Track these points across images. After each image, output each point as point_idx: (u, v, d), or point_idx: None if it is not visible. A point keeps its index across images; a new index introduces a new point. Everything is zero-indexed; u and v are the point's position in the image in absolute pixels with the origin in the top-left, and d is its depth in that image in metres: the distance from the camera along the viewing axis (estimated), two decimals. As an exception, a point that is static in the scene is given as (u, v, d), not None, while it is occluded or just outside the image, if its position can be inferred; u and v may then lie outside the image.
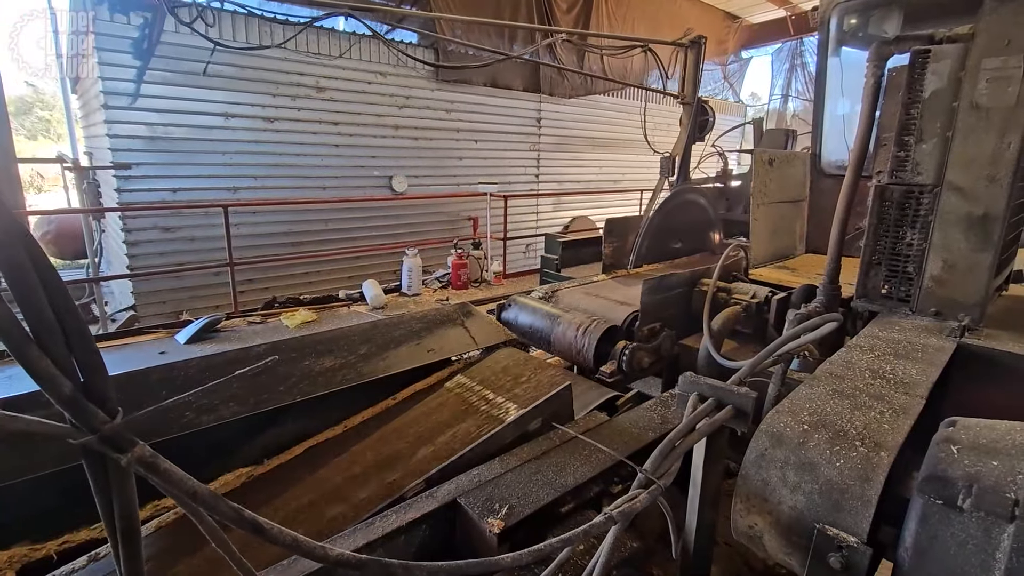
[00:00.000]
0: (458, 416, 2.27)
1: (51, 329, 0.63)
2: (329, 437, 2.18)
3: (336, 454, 2.07)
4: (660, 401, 2.30)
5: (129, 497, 0.74)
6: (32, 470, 1.54)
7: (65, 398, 0.64)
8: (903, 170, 2.21)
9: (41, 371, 0.61)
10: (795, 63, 15.19)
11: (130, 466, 0.69)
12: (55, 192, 16.27)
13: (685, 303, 3.07)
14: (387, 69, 8.16)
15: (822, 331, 1.84)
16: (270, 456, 2.05)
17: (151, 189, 6.52)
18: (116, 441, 0.68)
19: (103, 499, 0.73)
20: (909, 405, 1.44)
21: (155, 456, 0.71)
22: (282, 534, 0.79)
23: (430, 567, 0.92)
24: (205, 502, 0.74)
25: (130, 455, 0.69)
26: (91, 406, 0.66)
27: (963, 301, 2.11)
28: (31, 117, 22.93)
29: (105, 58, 5.99)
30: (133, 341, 4.27)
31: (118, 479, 0.72)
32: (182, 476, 0.73)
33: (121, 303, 7.48)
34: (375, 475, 1.95)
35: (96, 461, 0.71)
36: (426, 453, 2.04)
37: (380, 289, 6.60)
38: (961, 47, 2.02)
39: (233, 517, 0.76)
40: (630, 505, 1.18)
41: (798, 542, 1.23)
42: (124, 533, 0.74)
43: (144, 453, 0.70)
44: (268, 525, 0.78)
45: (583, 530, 1.09)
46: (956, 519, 1.03)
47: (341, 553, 0.84)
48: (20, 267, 0.60)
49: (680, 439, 1.36)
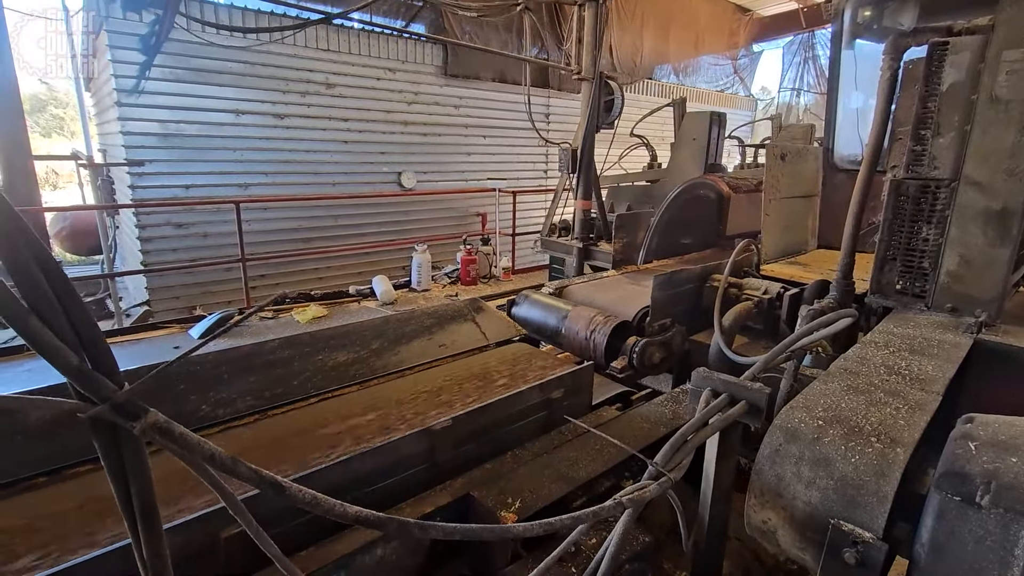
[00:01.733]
0: (480, 378, 2.33)
1: (49, 303, 0.61)
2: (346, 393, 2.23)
3: (350, 402, 2.14)
4: (672, 397, 2.29)
5: (144, 472, 0.72)
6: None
7: (71, 368, 0.62)
8: (919, 164, 2.18)
9: (44, 342, 0.59)
10: (807, 56, 15.00)
11: (144, 434, 0.67)
12: (70, 189, 16.46)
13: (696, 299, 3.06)
14: (396, 65, 8.16)
15: (836, 327, 1.83)
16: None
17: (164, 185, 6.58)
18: (128, 409, 0.66)
19: (117, 478, 0.71)
20: (925, 401, 1.43)
21: (169, 422, 0.69)
22: (302, 493, 0.78)
23: (445, 527, 0.92)
24: (224, 465, 0.73)
25: (143, 421, 0.67)
26: (98, 375, 0.64)
27: (980, 297, 2.08)
28: (46, 115, 23.20)
29: (118, 56, 6.04)
30: (147, 336, 4.32)
31: (132, 453, 0.70)
32: (198, 440, 0.71)
33: (135, 298, 7.57)
34: (395, 412, 2.03)
35: (108, 436, 0.69)
36: (451, 399, 2.14)
37: (390, 284, 6.62)
38: (980, 39, 1.99)
39: (253, 478, 0.74)
40: (640, 493, 1.18)
41: (812, 537, 1.22)
42: (143, 512, 0.73)
43: (158, 419, 0.68)
44: (288, 484, 0.77)
45: (593, 511, 1.10)
46: (974, 516, 1.03)
47: (360, 511, 0.83)
48: (11, 244, 0.58)
49: (692, 433, 1.36)
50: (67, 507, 1.46)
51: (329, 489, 1.49)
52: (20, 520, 1.40)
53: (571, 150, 4.86)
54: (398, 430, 1.86)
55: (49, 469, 1.59)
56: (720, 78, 14.73)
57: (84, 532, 1.35)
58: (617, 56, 11.23)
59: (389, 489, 1.63)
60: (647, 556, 1.55)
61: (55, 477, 1.58)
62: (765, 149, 3.65)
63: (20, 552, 1.28)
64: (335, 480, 1.50)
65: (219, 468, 0.73)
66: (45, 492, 1.53)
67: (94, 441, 0.69)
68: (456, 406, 2.05)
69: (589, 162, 4.93)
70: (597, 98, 4.57)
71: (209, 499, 1.45)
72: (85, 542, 1.31)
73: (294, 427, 1.91)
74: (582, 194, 5.25)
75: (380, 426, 1.92)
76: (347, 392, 2.19)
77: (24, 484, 1.55)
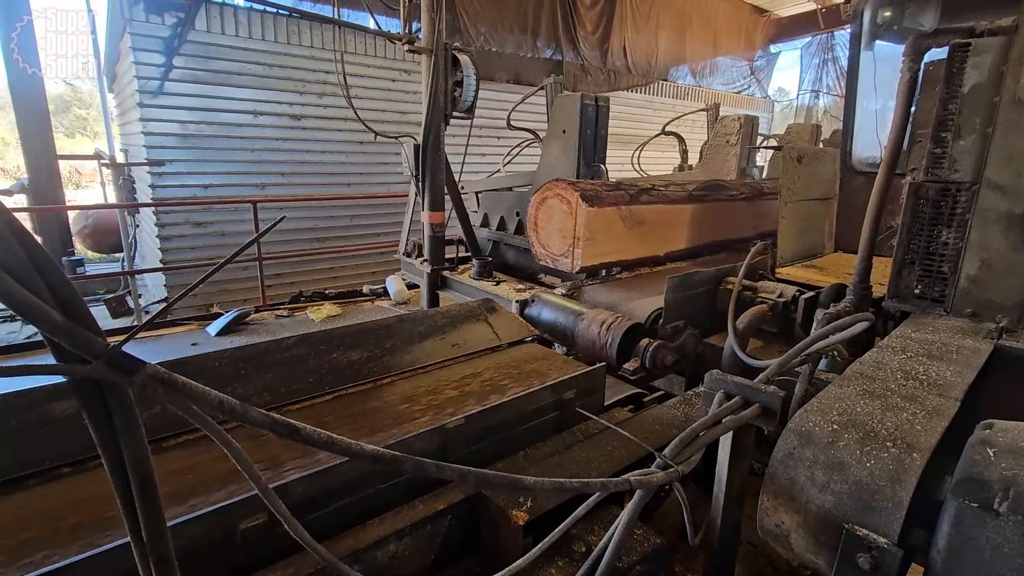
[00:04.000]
0: (492, 378, 2.34)
1: (23, 265, 0.57)
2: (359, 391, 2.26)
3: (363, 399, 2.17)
4: (684, 399, 2.29)
5: (139, 438, 0.66)
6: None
7: (57, 326, 0.57)
8: (939, 167, 2.15)
9: (23, 300, 0.55)
10: (825, 57, 14.82)
11: (144, 389, 0.62)
12: (93, 188, 16.83)
13: (710, 301, 3.04)
14: (412, 67, 8.22)
15: (853, 330, 1.81)
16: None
17: (183, 185, 6.71)
18: (123, 363, 0.61)
19: (109, 446, 0.65)
20: (943, 407, 1.41)
21: (169, 372, 0.65)
22: (317, 434, 0.75)
23: (460, 469, 0.90)
24: (234, 412, 0.69)
25: (142, 374, 0.61)
26: (87, 331, 0.59)
27: (1001, 302, 2.05)
28: (69, 115, 23.73)
29: (140, 58, 6.17)
30: (166, 332, 4.41)
31: (125, 416, 0.65)
32: (205, 390, 0.67)
33: (155, 295, 7.72)
34: (408, 410, 2.05)
35: (97, 400, 0.63)
36: (463, 398, 2.16)
37: (403, 284, 6.67)
38: (1003, 40, 1.96)
39: (267, 422, 0.71)
40: (648, 477, 1.18)
41: (826, 542, 1.22)
42: (140, 483, 0.67)
43: (158, 370, 0.63)
44: (302, 427, 0.74)
45: (602, 481, 1.10)
46: (992, 522, 1.01)
47: (375, 449, 0.81)
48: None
49: (704, 430, 1.36)
50: (97, 492, 1.49)
51: (342, 483, 1.52)
52: (42, 509, 1.44)
53: (414, 146, 3.85)
54: (410, 428, 1.88)
55: (72, 460, 1.63)
56: (737, 79, 14.62)
57: (102, 522, 1.39)
58: (632, 57, 11.20)
59: (401, 485, 1.65)
60: (658, 558, 1.55)
61: (79, 467, 1.62)
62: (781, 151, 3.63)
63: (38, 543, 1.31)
64: (349, 474, 1.52)
65: (229, 415, 0.69)
66: (69, 481, 1.57)
67: (83, 409, 0.64)
68: (469, 405, 2.06)
69: (436, 162, 3.75)
70: (441, 78, 3.35)
71: (226, 492, 1.48)
72: (105, 534, 1.34)
73: (309, 423, 1.94)
74: (429, 203, 4.06)
75: (393, 423, 1.94)
76: (360, 390, 2.22)
77: (51, 474, 1.59)
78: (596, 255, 3.45)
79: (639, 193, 3.70)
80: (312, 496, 1.46)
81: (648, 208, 3.74)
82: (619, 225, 3.53)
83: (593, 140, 4.31)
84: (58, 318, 0.57)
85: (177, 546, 0.76)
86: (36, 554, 1.27)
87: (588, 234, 3.30)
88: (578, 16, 10.04)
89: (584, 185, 3.46)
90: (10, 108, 6.92)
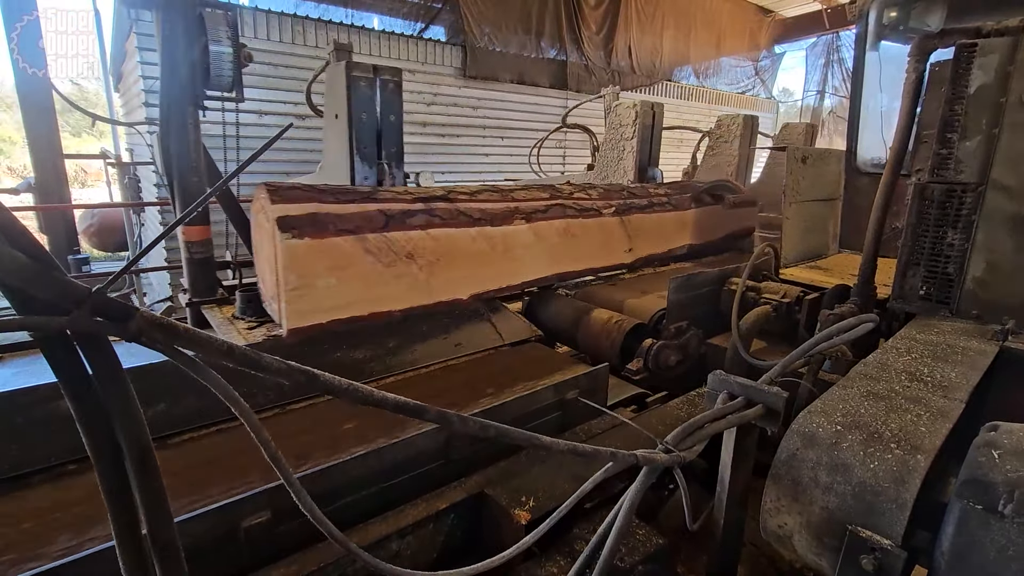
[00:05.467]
0: (495, 378, 2.34)
1: None
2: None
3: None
4: (687, 400, 2.28)
5: (133, 403, 0.57)
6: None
7: (29, 272, 0.48)
8: (945, 168, 2.14)
9: None
10: (831, 58, 14.76)
11: (140, 337, 0.52)
12: (98, 187, 16.92)
13: (713, 302, 3.03)
14: (416, 67, 8.24)
15: (857, 332, 1.81)
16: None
17: (188, 184, 6.74)
18: (112, 309, 0.51)
19: (90, 415, 0.55)
20: (947, 408, 1.41)
21: (167, 318, 0.55)
22: (337, 381, 0.71)
23: (482, 422, 0.91)
24: (246, 359, 0.61)
25: (135, 320, 0.51)
26: (68, 278, 0.50)
27: (1007, 304, 2.04)
28: (75, 115, 23.81)
29: (147, 57, 6.20)
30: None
31: (112, 378, 0.55)
32: (209, 336, 0.58)
33: (160, 294, 7.75)
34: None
35: (74, 359, 0.52)
36: (466, 397, 2.16)
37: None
38: (1010, 41, 1.95)
39: (282, 369, 0.65)
40: (651, 455, 1.18)
41: (829, 543, 1.21)
42: (139, 458, 0.59)
43: (152, 316, 0.52)
44: (320, 373, 0.70)
45: (611, 451, 1.09)
46: (996, 524, 1.01)
47: (398, 398, 0.78)
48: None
49: (708, 422, 1.36)
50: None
51: (347, 482, 1.52)
52: (52, 502, 1.45)
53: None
54: (414, 427, 1.88)
55: (79, 457, 1.64)
56: (741, 80, 14.58)
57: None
58: (636, 57, 11.19)
59: (405, 484, 1.65)
60: (662, 558, 1.55)
61: (85, 465, 1.63)
62: (786, 151, 3.61)
63: (54, 534, 1.32)
64: (353, 474, 1.52)
65: (239, 362, 0.61)
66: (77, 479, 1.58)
67: (57, 375, 0.53)
68: (471, 405, 2.06)
69: (186, 160, 2.70)
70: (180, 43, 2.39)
71: (228, 488, 1.48)
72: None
73: (313, 421, 1.95)
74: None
75: (397, 422, 1.95)
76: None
77: (57, 471, 1.60)
78: (315, 310, 2.09)
79: (406, 214, 2.33)
80: (314, 495, 1.45)
81: (425, 234, 2.38)
82: (364, 263, 2.19)
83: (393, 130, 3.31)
84: (25, 259, 0.47)
85: (176, 545, 0.71)
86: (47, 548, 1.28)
87: (298, 280, 2.03)
88: (582, 16, 10.04)
89: (298, 196, 2.12)
90: (17, 107, 6.96)
